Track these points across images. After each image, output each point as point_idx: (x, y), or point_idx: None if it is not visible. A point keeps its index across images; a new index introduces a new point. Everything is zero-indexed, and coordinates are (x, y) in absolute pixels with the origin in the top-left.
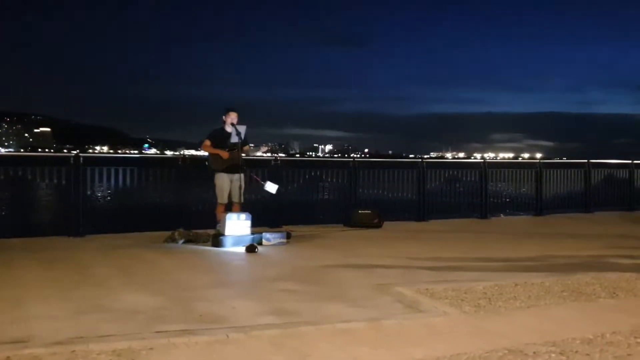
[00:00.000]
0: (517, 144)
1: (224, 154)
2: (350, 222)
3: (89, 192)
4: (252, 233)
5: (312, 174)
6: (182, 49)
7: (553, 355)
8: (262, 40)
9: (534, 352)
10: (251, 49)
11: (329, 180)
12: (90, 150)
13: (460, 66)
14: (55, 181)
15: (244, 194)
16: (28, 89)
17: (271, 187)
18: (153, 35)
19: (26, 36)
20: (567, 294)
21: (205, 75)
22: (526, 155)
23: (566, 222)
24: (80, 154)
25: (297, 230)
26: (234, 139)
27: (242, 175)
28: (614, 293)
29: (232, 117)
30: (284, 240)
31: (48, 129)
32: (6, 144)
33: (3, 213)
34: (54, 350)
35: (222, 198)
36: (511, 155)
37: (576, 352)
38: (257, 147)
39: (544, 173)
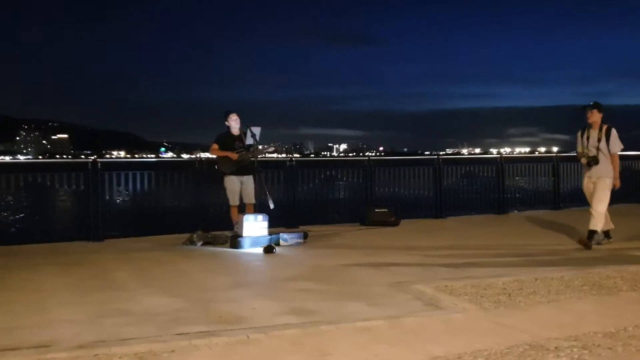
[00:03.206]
0: (533, 138)
1: (233, 156)
2: (367, 220)
3: (107, 197)
4: (270, 234)
5: (327, 173)
6: (195, 52)
7: (575, 349)
8: (275, 41)
9: (556, 347)
10: (264, 50)
11: (345, 179)
12: (108, 156)
13: (474, 61)
14: (73, 187)
15: (257, 196)
16: (45, 96)
17: (270, 204)
18: (166, 41)
19: (42, 45)
20: (588, 287)
21: (220, 77)
22: (542, 149)
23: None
24: (98, 160)
25: (314, 230)
26: (249, 141)
27: (253, 176)
28: (635, 286)
29: (233, 117)
30: (301, 241)
31: (65, 136)
32: (24, 151)
33: (24, 219)
34: (76, 354)
35: (234, 200)
36: (527, 149)
37: (598, 345)
38: (266, 147)
39: (561, 167)
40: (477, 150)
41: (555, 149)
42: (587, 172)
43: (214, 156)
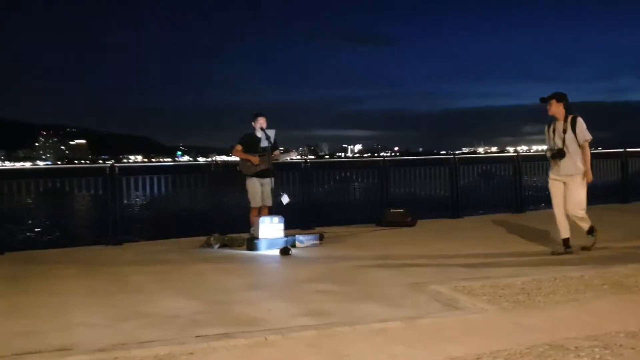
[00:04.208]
0: None
1: (254, 159)
2: (383, 221)
3: (125, 201)
4: (285, 236)
5: (343, 174)
6: (209, 55)
7: (596, 349)
8: (287, 43)
9: (576, 347)
10: (276, 52)
11: (360, 180)
12: (125, 160)
13: (487, 60)
14: (92, 191)
15: (273, 198)
16: (62, 102)
17: (285, 199)
18: (180, 44)
19: (58, 50)
20: (608, 286)
21: (234, 80)
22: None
23: (603, 214)
24: (116, 164)
25: (330, 231)
26: (264, 144)
27: (272, 179)
28: None
29: (261, 121)
30: (317, 242)
31: (83, 141)
32: (44, 157)
33: (44, 225)
34: (97, 357)
35: (255, 202)
36: (544, 147)
37: (620, 345)
38: (288, 152)
39: None
40: (494, 149)
41: None
42: (554, 168)
43: (237, 157)
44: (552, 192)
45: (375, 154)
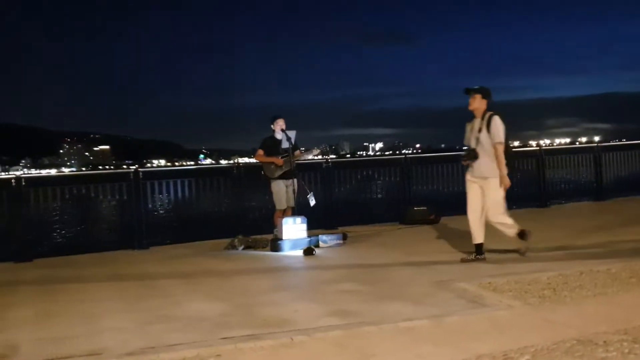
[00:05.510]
0: (573, 128)
1: (278, 161)
2: (406, 219)
3: (150, 205)
4: (309, 236)
5: (364, 173)
6: (228, 58)
7: (625, 343)
8: (306, 43)
9: (605, 342)
10: (296, 53)
11: (382, 178)
12: (149, 165)
13: (508, 53)
14: (117, 197)
15: (297, 198)
16: (85, 108)
17: (312, 201)
18: (199, 48)
19: (79, 58)
20: (636, 280)
21: (254, 83)
22: (583, 139)
23: (629, 206)
24: (140, 169)
25: (353, 230)
26: (285, 145)
27: (294, 180)
28: None
29: (280, 123)
30: (341, 242)
31: (107, 147)
32: (68, 163)
33: (71, 231)
34: None
35: (281, 204)
36: (568, 140)
37: None
38: (309, 150)
39: (603, 156)
40: (516, 143)
41: (596, 138)
42: (469, 169)
43: (259, 161)
44: (468, 195)
45: (397, 152)
